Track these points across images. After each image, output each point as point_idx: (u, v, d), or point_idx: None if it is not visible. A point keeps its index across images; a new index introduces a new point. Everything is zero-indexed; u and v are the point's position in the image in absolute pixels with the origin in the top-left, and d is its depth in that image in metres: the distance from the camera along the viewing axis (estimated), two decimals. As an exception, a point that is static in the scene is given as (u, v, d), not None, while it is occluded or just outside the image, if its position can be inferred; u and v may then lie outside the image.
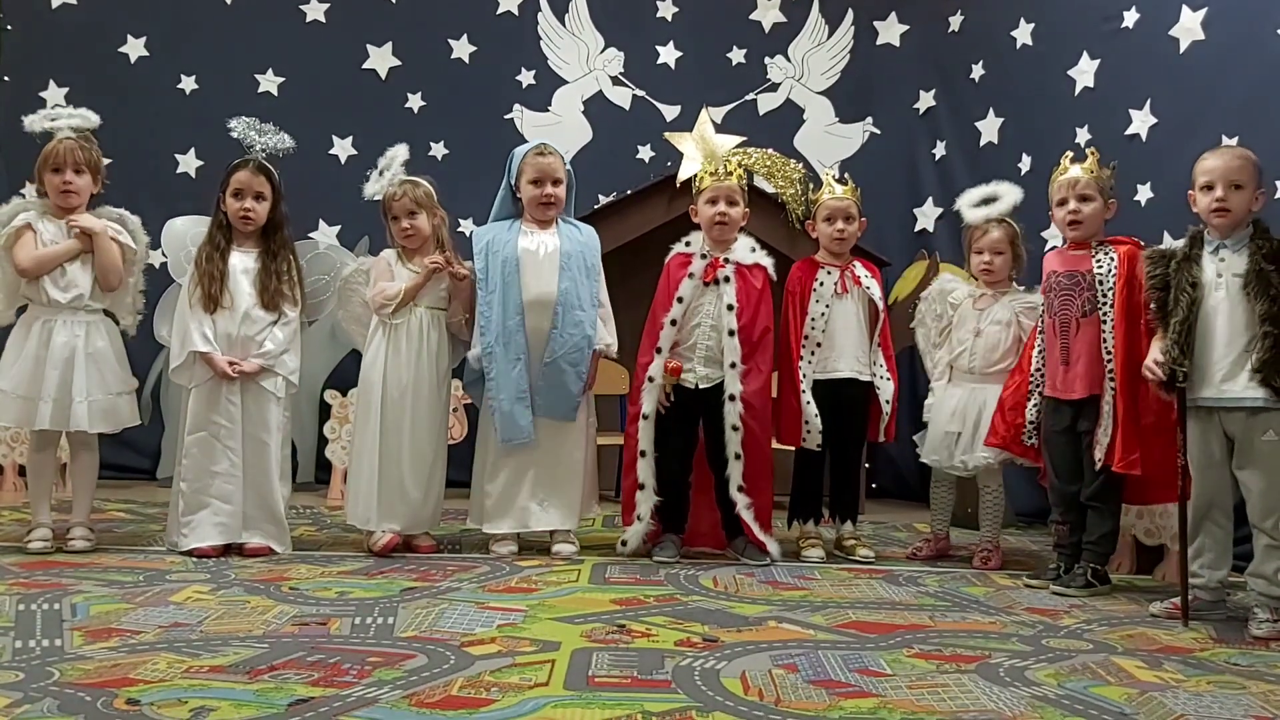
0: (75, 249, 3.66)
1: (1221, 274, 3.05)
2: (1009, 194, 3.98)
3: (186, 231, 4.90)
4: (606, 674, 2.33)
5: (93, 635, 2.56)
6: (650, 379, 3.78)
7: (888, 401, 3.99)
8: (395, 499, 3.79)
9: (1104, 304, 3.44)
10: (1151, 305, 3.20)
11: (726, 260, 3.84)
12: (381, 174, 3.96)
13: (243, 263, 3.77)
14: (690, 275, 3.82)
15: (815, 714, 2.11)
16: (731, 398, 3.74)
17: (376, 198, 3.95)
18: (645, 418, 3.77)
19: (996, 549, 3.92)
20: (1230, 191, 3.04)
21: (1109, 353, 3.41)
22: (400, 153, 3.98)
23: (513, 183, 3.90)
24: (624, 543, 3.81)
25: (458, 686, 2.21)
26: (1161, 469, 3.29)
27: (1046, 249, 3.81)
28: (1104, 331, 3.42)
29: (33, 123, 3.76)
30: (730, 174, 3.90)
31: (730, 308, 3.78)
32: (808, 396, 3.90)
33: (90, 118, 3.81)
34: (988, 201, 4.01)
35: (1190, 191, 3.15)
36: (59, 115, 3.79)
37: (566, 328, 3.78)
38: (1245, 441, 2.99)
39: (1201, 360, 3.04)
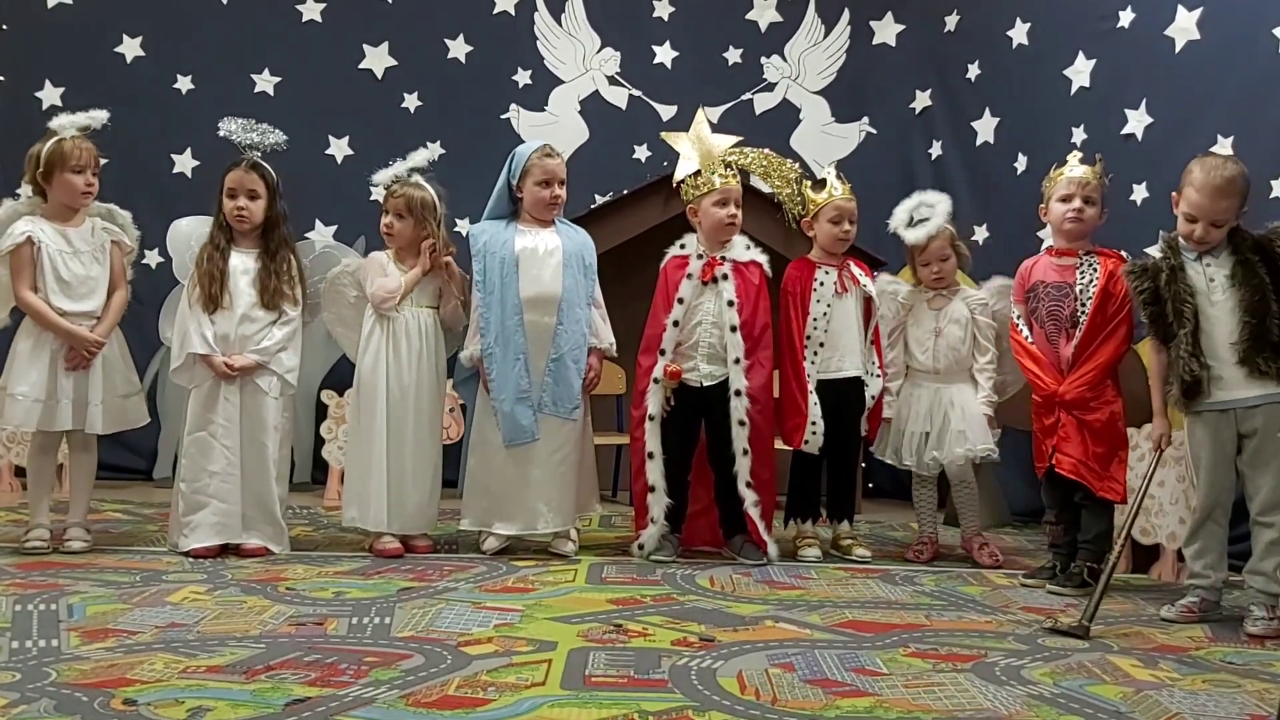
0: (64, 328, 3.59)
1: (1214, 278, 3.05)
2: (940, 203, 3.98)
3: (192, 232, 4.85)
4: (603, 673, 2.34)
5: (89, 636, 2.56)
6: (655, 380, 3.80)
7: (873, 397, 3.98)
8: (403, 500, 3.78)
9: (1082, 315, 3.49)
10: (1145, 320, 3.19)
11: (724, 259, 3.85)
12: (401, 167, 3.93)
13: (243, 263, 3.76)
14: (689, 276, 3.83)
15: (812, 713, 2.12)
16: (738, 393, 3.74)
17: (384, 186, 3.92)
18: (651, 419, 3.78)
19: (987, 540, 3.97)
20: (1210, 230, 3.04)
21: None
22: (421, 155, 3.95)
23: (514, 182, 3.89)
24: (640, 546, 3.80)
25: (454, 686, 2.22)
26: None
27: (1044, 248, 3.79)
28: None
29: (61, 126, 3.71)
30: (735, 175, 3.92)
31: (731, 304, 3.79)
32: (814, 399, 3.90)
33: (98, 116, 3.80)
34: (918, 213, 3.99)
35: (1175, 193, 3.12)
36: (75, 120, 3.75)
37: (570, 324, 3.78)
38: (1265, 436, 2.97)
39: (1213, 365, 3.03)
